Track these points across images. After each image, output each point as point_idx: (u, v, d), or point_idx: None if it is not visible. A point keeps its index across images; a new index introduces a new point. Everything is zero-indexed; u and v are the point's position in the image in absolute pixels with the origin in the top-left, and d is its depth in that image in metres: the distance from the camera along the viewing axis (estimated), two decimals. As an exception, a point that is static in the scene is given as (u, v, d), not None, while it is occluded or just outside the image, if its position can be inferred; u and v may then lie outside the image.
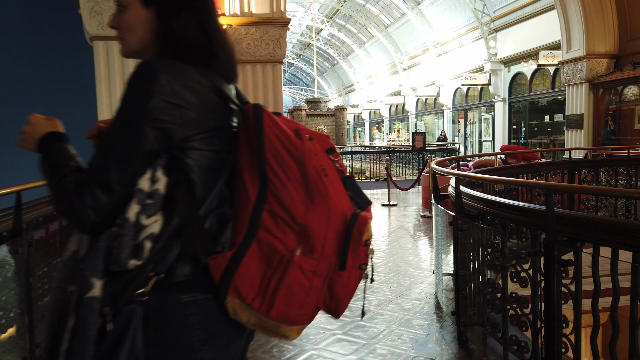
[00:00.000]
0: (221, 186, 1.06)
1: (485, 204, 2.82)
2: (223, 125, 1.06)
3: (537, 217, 2.31)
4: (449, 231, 3.25)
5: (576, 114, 12.25)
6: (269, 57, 7.48)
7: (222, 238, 1.04)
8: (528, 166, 5.73)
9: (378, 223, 7.39)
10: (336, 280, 1.01)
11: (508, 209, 2.58)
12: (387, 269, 4.84)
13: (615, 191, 3.78)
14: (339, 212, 1.01)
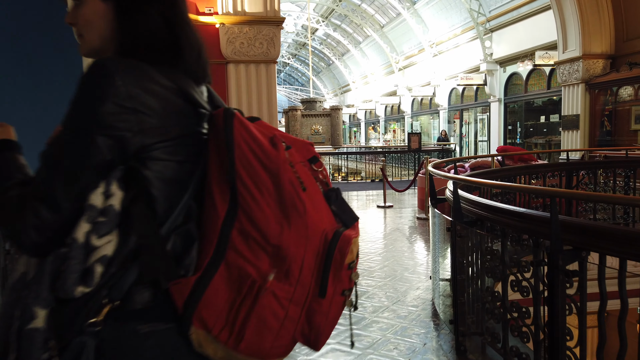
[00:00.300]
0: (188, 201, 0.94)
1: (484, 209, 2.71)
2: (190, 133, 0.94)
3: (540, 225, 2.20)
4: (446, 236, 3.14)
5: (572, 115, 12.19)
6: (263, 56, 7.35)
7: (187, 260, 0.91)
8: (526, 168, 5.64)
9: (373, 225, 7.29)
10: (315, 308, 0.90)
11: (509, 215, 2.48)
12: (382, 273, 4.73)
13: (626, 199, 3.67)
14: (318, 231, 0.89)
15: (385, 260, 5.24)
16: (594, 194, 2.00)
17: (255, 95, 7.45)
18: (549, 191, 1.99)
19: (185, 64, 0.97)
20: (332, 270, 0.89)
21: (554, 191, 2.01)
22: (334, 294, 0.91)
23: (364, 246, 5.93)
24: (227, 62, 7.28)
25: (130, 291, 0.85)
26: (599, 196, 3.24)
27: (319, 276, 0.89)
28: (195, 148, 0.94)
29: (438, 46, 23.38)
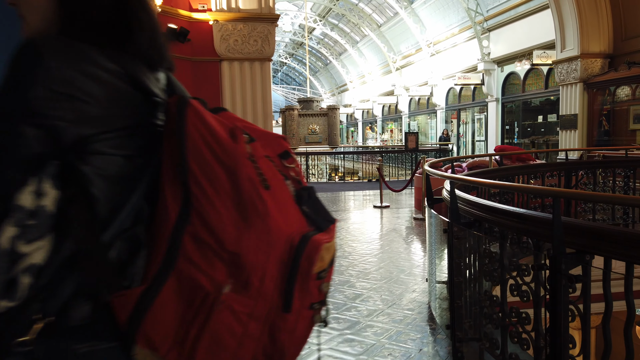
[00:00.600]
0: (138, 201, 0.82)
1: (482, 210, 2.60)
2: (140, 123, 0.82)
3: (542, 227, 2.09)
4: (442, 237, 3.03)
5: (570, 114, 12.12)
6: (258, 54, 7.24)
7: (133, 269, 0.80)
8: (524, 168, 5.54)
9: (369, 226, 7.18)
10: (280, 325, 0.79)
11: (508, 216, 2.37)
12: (378, 275, 4.62)
13: (630, 200, 3.55)
14: (282, 236, 0.78)
15: (381, 261, 5.13)
16: (600, 194, 1.90)
17: (250, 93, 7.33)
18: (552, 191, 1.89)
19: (136, 46, 0.84)
20: (299, 280, 0.78)
21: (556, 191, 1.90)
22: (301, 308, 0.79)
23: (359, 247, 5.82)
24: (221, 59, 7.17)
25: (66, 305, 0.74)
26: (604, 197, 3.12)
27: (284, 288, 0.77)
28: (148, 141, 0.82)
29: (435, 46, 23.29)
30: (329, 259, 0.82)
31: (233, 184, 0.75)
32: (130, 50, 0.83)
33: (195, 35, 7.01)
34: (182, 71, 6.95)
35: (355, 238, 6.36)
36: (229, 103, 7.24)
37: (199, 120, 0.77)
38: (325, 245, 0.81)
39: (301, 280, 0.78)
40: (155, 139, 0.83)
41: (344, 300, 3.90)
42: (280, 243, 0.77)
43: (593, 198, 1.62)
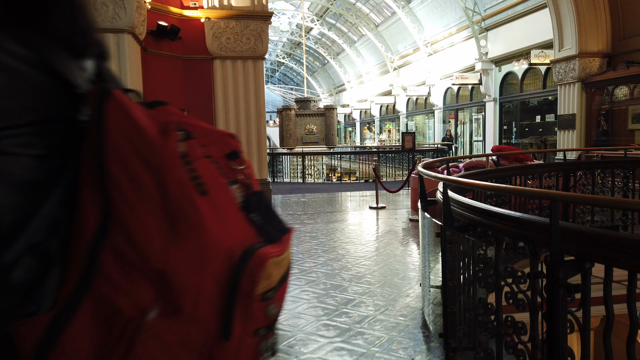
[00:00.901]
0: (53, 210, 0.68)
1: (477, 213, 2.47)
2: (55, 118, 0.68)
3: (538, 232, 1.97)
4: (436, 241, 2.90)
5: (568, 114, 12.01)
6: (250, 52, 7.11)
7: (41, 291, 0.66)
8: (521, 168, 5.41)
9: (364, 227, 7.06)
10: (218, 355, 0.64)
11: (503, 220, 2.24)
12: (372, 278, 4.49)
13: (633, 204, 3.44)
14: (220, 250, 0.64)
15: (375, 264, 5.01)
16: (601, 198, 1.78)
17: (243, 92, 7.20)
18: (550, 194, 1.76)
19: (52, 27, 0.70)
20: (239, 303, 0.64)
21: (554, 194, 1.77)
22: (243, 335, 0.65)
23: (353, 250, 5.70)
24: (213, 58, 7.04)
25: None
26: (604, 200, 2.98)
27: (222, 311, 0.64)
28: (66, 139, 0.68)
29: (433, 45, 23.19)
30: (278, 276, 0.69)
31: (160, 189, 0.62)
32: (46, 32, 0.69)
33: (187, 33, 6.88)
34: (173, 70, 6.83)
35: (349, 240, 6.24)
36: (221, 102, 7.11)
37: (122, 115, 0.63)
38: (274, 259, 0.67)
39: (242, 303, 0.64)
40: (78, 136, 0.69)
41: (335, 305, 3.77)
42: (218, 258, 0.63)
43: (594, 202, 1.50)
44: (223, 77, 7.11)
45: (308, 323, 3.41)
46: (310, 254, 5.47)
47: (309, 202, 10.04)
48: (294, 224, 7.37)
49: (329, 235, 6.47)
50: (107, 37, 5.31)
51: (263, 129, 7.35)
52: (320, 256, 5.38)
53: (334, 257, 5.30)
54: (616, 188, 6.05)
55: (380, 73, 31.16)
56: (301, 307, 3.75)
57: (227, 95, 7.14)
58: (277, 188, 13.31)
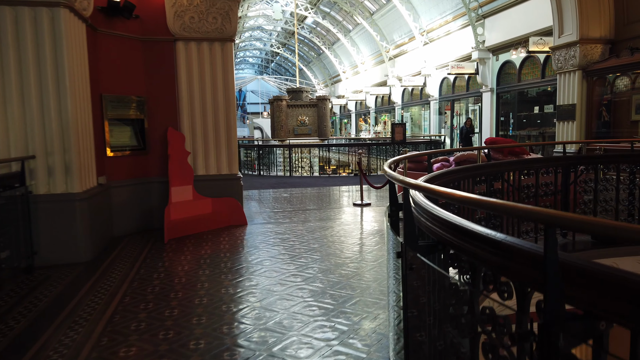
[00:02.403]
0: None
1: (447, 229, 1.82)
2: None
3: (528, 265, 1.32)
4: (397, 262, 2.25)
5: (568, 104, 11.33)
6: (217, 33, 6.41)
7: None
8: (515, 163, 4.76)
9: (343, 229, 6.40)
10: None
11: (481, 243, 1.59)
12: (337, 294, 3.84)
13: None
14: None
15: (345, 277, 4.36)
16: (628, 226, 1.29)
17: (210, 78, 6.51)
18: (544, 215, 1.13)
19: None
20: None
21: (551, 215, 1.14)
22: None
23: (321, 259, 5.04)
24: (175, 39, 6.34)
25: None
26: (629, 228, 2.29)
27: None
28: None
29: (429, 34, 22.44)
30: None
31: None
32: None
33: (145, 11, 6.17)
34: (130, 52, 6.13)
35: (320, 246, 5.59)
36: (186, 89, 6.42)
37: None
38: None
39: None
40: None
41: (282, 331, 3.13)
42: None
43: (616, 230, 0.99)
44: (187, 60, 6.41)
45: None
46: (275, 261, 4.82)
47: (290, 198, 9.38)
48: (268, 224, 6.72)
49: (302, 238, 5.82)
50: (36, 11, 4.61)
51: (233, 119, 6.66)
52: (286, 265, 4.73)
53: (295, 269, 4.66)
54: (622, 185, 5.41)
55: (376, 63, 30.40)
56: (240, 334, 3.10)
57: (191, 82, 6.44)
58: (261, 182, 12.65)
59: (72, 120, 4.80)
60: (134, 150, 6.29)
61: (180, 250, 5.32)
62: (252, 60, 57.71)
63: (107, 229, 5.70)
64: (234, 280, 4.21)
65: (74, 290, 4.01)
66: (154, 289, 4.00)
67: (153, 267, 4.66)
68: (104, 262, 4.84)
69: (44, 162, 4.76)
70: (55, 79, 4.72)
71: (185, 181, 6.36)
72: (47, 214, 4.73)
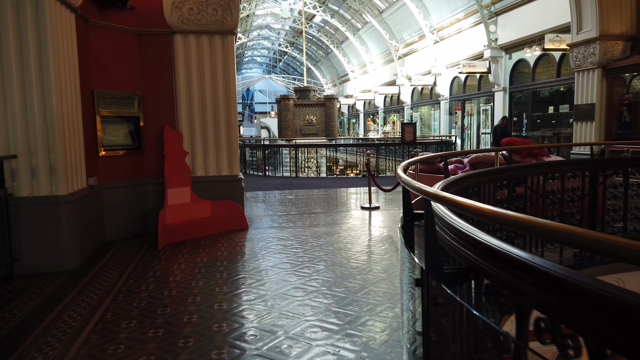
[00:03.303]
0: None
1: (481, 253, 1.42)
2: None
3: (615, 320, 0.91)
4: (416, 291, 1.84)
5: (586, 104, 10.84)
6: (218, 26, 6.03)
7: None
8: (541, 166, 4.33)
9: (350, 234, 5.99)
10: None
11: (525, 273, 1.19)
12: (345, 314, 3.45)
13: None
14: None
15: (352, 292, 3.96)
16: None
17: (209, 73, 6.14)
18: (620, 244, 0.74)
19: None
20: None
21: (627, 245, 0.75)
22: None
23: (326, 269, 4.65)
24: (173, 32, 5.97)
25: None
26: None
27: None
28: None
29: (439, 32, 21.97)
30: None
31: None
32: None
33: (140, 2, 5.81)
34: (125, 46, 5.77)
35: (325, 254, 5.19)
36: (184, 85, 6.05)
37: None
38: None
39: None
40: None
41: (279, 359, 2.74)
42: None
43: None
44: (185, 55, 6.04)
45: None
46: (276, 271, 4.43)
47: (295, 200, 8.99)
48: (270, 228, 6.33)
49: (306, 244, 5.43)
50: (18, 1, 4.26)
51: (234, 117, 6.28)
52: (288, 275, 4.34)
53: (298, 280, 4.26)
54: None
55: (384, 62, 29.94)
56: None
57: (190, 77, 6.07)
58: (266, 183, 12.27)
59: (57, 117, 4.44)
60: (128, 149, 5.92)
61: (174, 257, 4.95)
62: (260, 60, 57.44)
63: (97, 233, 5.35)
64: (230, 293, 3.82)
65: (53, 303, 3.65)
66: (140, 303, 3.62)
67: (143, 277, 4.29)
68: (90, 271, 4.48)
69: (27, 162, 4.41)
70: (39, 73, 4.36)
71: (183, 183, 5.99)
72: (29, 218, 4.37)
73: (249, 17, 36.09)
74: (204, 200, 6.11)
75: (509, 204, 4.10)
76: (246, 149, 16.60)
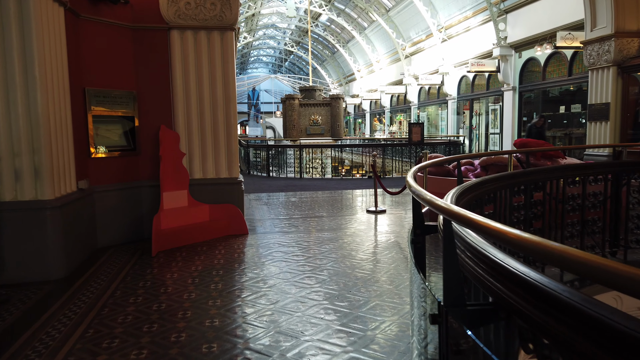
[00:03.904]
0: None
1: (513, 286, 1.11)
2: None
3: None
4: (432, 330, 1.53)
5: (601, 103, 10.46)
6: (216, 21, 5.75)
7: None
8: (562, 169, 4.00)
9: (354, 240, 5.68)
10: None
11: (587, 326, 0.88)
12: (350, 333, 3.14)
13: None
14: None
15: (357, 306, 3.65)
16: None
17: (208, 71, 5.85)
18: None
19: None
20: None
21: None
22: None
23: (327, 282, 4.35)
24: (169, 27, 5.69)
25: None
26: None
27: None
28: None
29: (447, 30, 21.59)
30: None
31: None
32: None
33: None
34: (118, 42, 5.49)
35: (328, 262, 4.89)
36: (181, 83, 5.77)
37: None
38: None
39: None
40: None
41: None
42: None
43: None
44: (182, 51, 5.76)
45: None
46: (275, 281, 4.13)
47: (299, 202, 8.70)
48: (271, 233, 6.04)
49: (308, 252, 5.13)
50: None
51: (233, 116, 5.99)
52: (287, 286, 4.05)
53: (305, 287, 3.97)
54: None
55: (391, 61, 29.58)
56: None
57: (187, 75, 5.79)
58: (269, 184, 11.99)
59: (43, 116, 4.17)
60: (122, 150, 5.65)
61: (167, 265, 4.67)
62: (266, 59, 57.21)
63: (88, 240, 5.07)
64: (223, 307, 3.53)
65: (32, 318, 3.37)
66: (125, 318, 3.33)
67: (132, 287, 4.00)
68: (77, 281, 4.20)
69: (10, 164, 4.14)
70: (23, 69, 4.09)
71: (179, 186, 5.71)
72: (12, 224, 4.10)
73: (255, 16, 35.85)
74: (202, 204, 5.83)
75: (526, 211, 3.78)
76: (250, 149, 16.33)
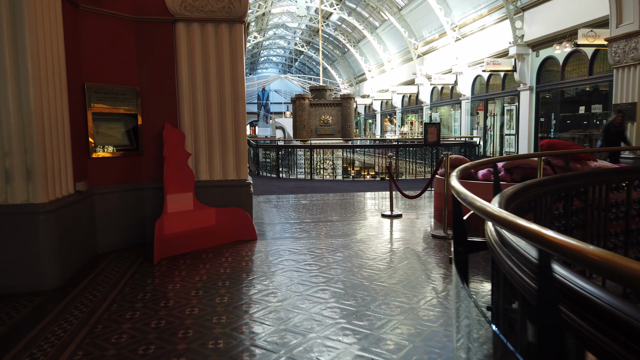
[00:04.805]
0: None
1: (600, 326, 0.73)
2: None
3: None
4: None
5: (627, 103, 9.97)
6: (225, 12, 5.41)
7: None
8: (603, 175, 3.60)
9: (369, 247, 5.30)
10: None
11: None
12: (348, 353, 2.77)
13: None
14: None
15: (377, 326, 3.28)
16: None
17: (215, 66, 5.51)
18: None
19: None
20: None
21: None
22: None
23: (346, 291, 3.98)
24: (174, 19, 5.36)
25: None
26: None
27: None
28: None
29: (461, 29, 21.14)
30: None
31: None
32: None
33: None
34: (121, 35, 5.18)
35: (342, 272, 4.52)
36: (187, 79, 5.44)
37: None
38: None
39: None
40: None
41: None
42: None
43: None
44: (189, 45, 5.43)
45: None
46: (285, 294, 3.77)
47: (310, 205, 8.34)
48: (281, 239, 5.68)
49: (321, 260, 4.77)
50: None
51: (242, 115, 5.65)
52: (300, 301, 3.69)
53: (319, 302, 3.60)
54: None
55: (403, 61, 29.15)
56: None
57: (194, 70, 5.45)
58: (279, 186, 11.64)
59: (36, 113, 3.86)
60: (124, 150, 5.33)
61: (170, 274, 4.33)
62: (276, 60, 56.99)
63: (86, 245, 4.75)
64: (229, 326, 3.17)
65: (17, 335, 3.04)
66: (120, 337, 2.99)
67: (130, 300, 3.67)
68: (72, 292, 3.87)
69: (0, 165, 3.83)
70: (14, 63, 3.78)
71: (185, 188, 5.37)
72: (2, 230, 3.79)
73: (265, 15, 35.59)
74: (208, 207, 5.49)
75: (567, 219, 3.38)
76: (259, 150, 16.01)
